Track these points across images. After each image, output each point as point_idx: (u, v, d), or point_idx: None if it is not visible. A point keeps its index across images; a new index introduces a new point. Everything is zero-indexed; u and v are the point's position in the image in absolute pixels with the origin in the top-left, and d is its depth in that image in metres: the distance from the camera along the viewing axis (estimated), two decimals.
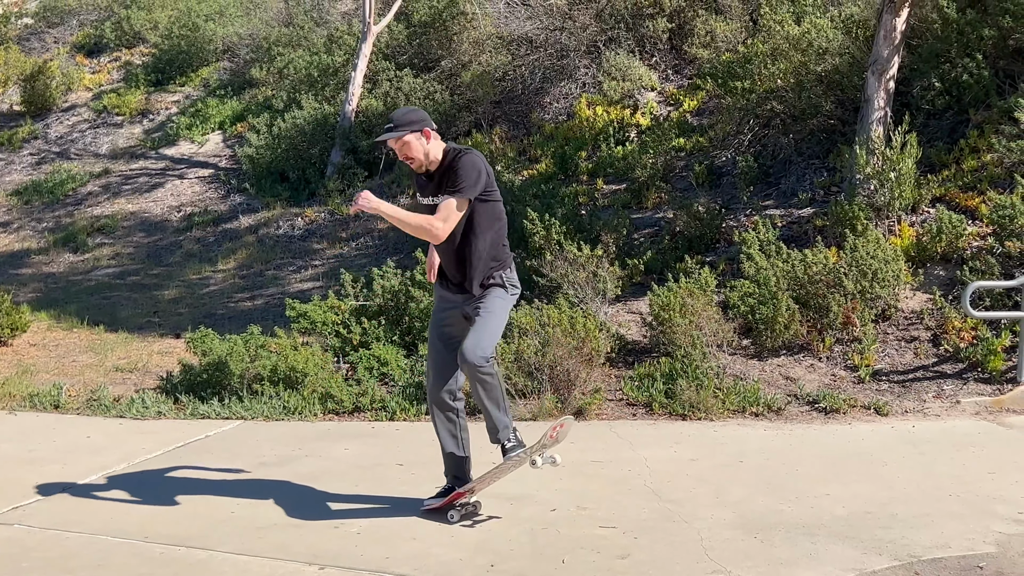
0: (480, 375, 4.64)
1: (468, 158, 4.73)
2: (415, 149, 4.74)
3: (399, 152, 4.79)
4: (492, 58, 14.32)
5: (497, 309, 4.81)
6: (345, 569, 4.36)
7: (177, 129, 17.33)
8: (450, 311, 4.95)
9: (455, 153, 4.78)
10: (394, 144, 4.77)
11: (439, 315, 5.01)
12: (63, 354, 9.61)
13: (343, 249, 12.67)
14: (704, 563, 4.32)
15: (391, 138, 4.74)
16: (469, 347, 4.64)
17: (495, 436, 4.84)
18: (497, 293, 4.84)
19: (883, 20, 9.31)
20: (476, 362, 4.61)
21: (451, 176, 4.71)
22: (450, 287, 4.94)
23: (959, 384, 7.20)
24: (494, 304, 4.81)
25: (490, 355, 4.68)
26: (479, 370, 4.63)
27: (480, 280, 4.82)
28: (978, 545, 4.49)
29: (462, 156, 4.74)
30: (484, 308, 4.78)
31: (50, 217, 15.62)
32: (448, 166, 4.76)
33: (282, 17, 18.50)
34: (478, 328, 4.71)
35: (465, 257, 4.80)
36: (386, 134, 4.75)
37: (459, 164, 4.71)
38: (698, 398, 6.95)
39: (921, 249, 8.41)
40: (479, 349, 4.63)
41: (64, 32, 21.91)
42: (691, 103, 12.71)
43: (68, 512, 5.26)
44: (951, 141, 9.67)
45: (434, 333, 5.01)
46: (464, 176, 4.67)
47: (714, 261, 9.17)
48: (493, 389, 4.72)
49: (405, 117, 4.76)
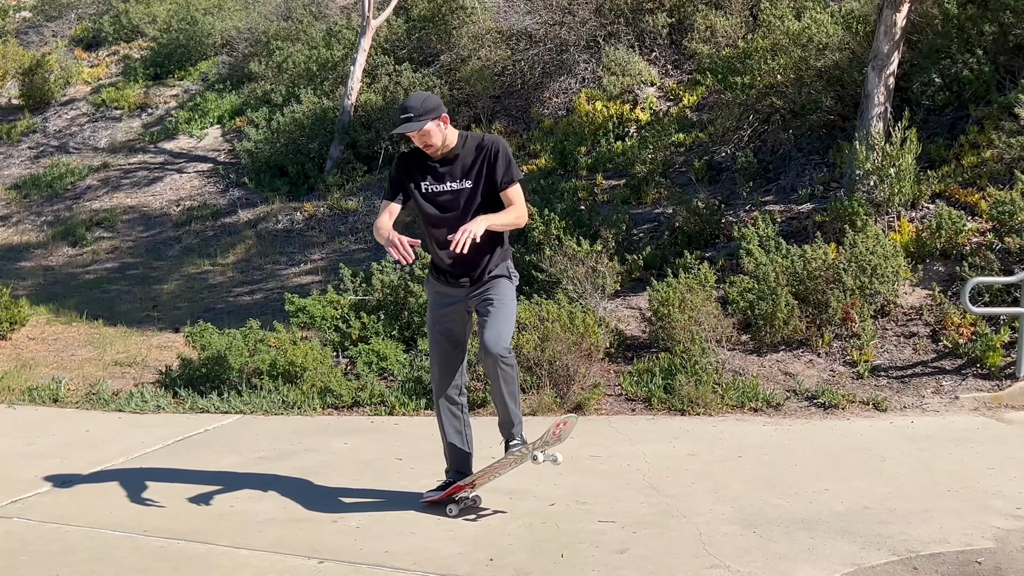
0: (503, 366, 4.64)
1: (502, 143, 4.77)
2: (435, 136, 4.68)
3: (417, 139, 4.69)
4: (491, 53, 14.30)
5: (509, 299, 4.79)
6: (344, 563, 4.36)
7: (176, 123, 17.30)
8: (451, 306, 4.88)
9: (472, 138, 4.78)
10: (417, 138, 4.68)
11: (438, 311, 4.93)
12: (62, 348, 9.61)
13: (342, 243, 12.66)
14: (703, 558, 4.33)
15: (414, 130, 4.62)
16: (492, 339, 4.61)
17: (508, 430, 4.83)
18: (504, 284, 4.81)
19: (883, 15, 9.30)
20: (500, 352, 4.60)
21: (489, 163, 4.69)
22: (452, 280, 4.84)
23: (958, 380, 7.21)
24: (505, 294, 4.78)
25: (511, 345, 4.69)
26: (502, 360, 4.62)
27: (493, 269, 4.79)
28: (976, 540, 4.49)
29: (495, 142, 4.75)
30: (497, 299, 4.74)
31: (49, 211, 15.60)
32: (475, 152, 4.72)
33: (281, 11, 18.46)
34: (496, 319, 4.68)
35: (484, 246, 4.68)
36: (406, 125, 4.62)
37: (499, 150, 4.71)
38: (697, 393, 6.95)
39: (920, 245, 8.40)
40: (502, 339, 4.63)
41: (63, 26, 21.86)
42: (691, 98, 12.69)
43: (67, 506, 5.26)
44: (951, 137, 9.66)
45: (435, 330, 4.95)
46: (512, 162, 4.75)
47: (713, 257, 9.16)
48: (512, 381, 4.72)
49: (424, 105, 4.62)
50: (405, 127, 4.62)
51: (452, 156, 4.76)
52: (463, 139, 4.79)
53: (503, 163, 4.70)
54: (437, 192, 4.77)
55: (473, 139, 4.80)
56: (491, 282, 4.80)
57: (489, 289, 4.79)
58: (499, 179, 4.70)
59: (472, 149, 4.75)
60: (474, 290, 4.81)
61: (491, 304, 4.74)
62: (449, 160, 4.76)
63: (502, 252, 4.85)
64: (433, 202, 4.78)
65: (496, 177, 4.71)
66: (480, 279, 4.79)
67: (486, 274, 4.80)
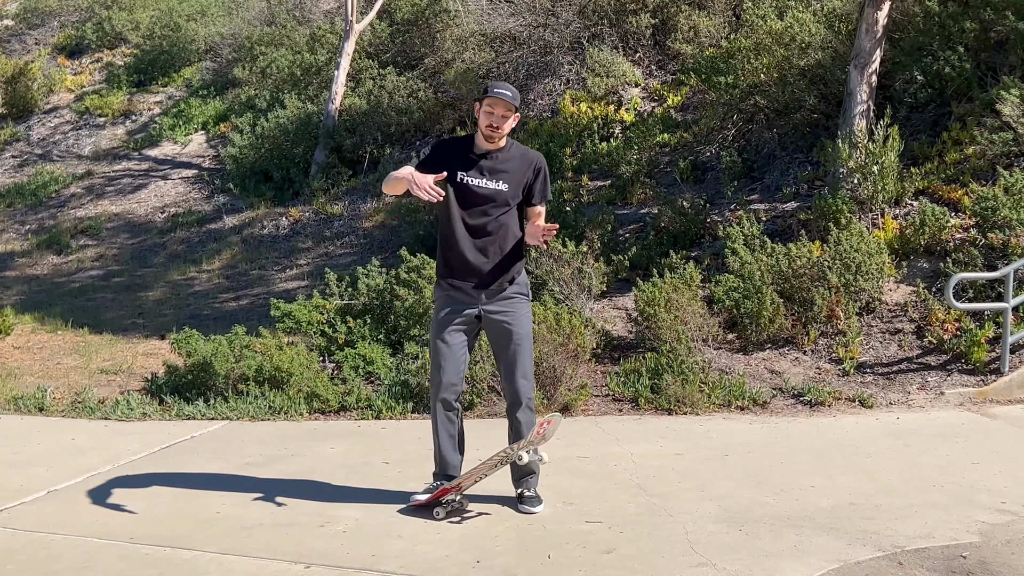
0: (527, 410, 4.85)
1: (545, 162, 4.92)
2: (510, 123, 4.77)
3: (495, 121, 4.70)
4: (475, 55, 14.31)
5: (529, 329, 4.89)
6: (331, 567, 4.35)
7: (160, 130, 17.27)
8: (465, 312, 4.82)
9: (519, 147, 4.91)
10: (502, 112, 4.69)
11: (449, 316, 4.83)
12: (47, 356, 9.57)
13: (328, 248, 12.64)
14: (689, 556, 4.33)
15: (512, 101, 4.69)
16: (524, 388, 4.84)
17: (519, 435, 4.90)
18: (523, 308, 4.86)
19: (865, 14, 9.34)
20: (530, 395, 4.87)
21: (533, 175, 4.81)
22: (472, 286, 4.79)
23: (943, 375, 7.24)
24: (526, 325, 4.87)
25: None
26: (530, 401, 4.87)
27: (515, 277, 4.83)
28: (961, 535, 4.51)
29: (541, 159, 4.91)
30: (516, 330, 4.80)
31: (33, 219, 15.54)
32: (519, 159, 4.81)
33: (264, 16, 18.44)
34: (521, 360, 4.82)
35: (508, 254, 4.79)
36: (508, 92, 4.71)
37: (544, 167, 4.88)
38: (684, 393, 6.96)
39: (904, 242, 8.44)
40: (531, 384, 4.89)
41: (45, 33, 21.79)
42: (675, 99, 12.72)
43: (53, 514, 5.23)
44: (933, 134, 9.71)
45: (443, 335, 4.84)
46: (549, 183, 4.95)
47: (699, 256, 9.18)
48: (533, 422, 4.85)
49: (517, 97, 4.76)
50: (505, 94, 4.69)
51: (497, 155, 4.79)
52: (510, 144, 4.87)
53: (543, 180, 4.87)
54: (475, 186, 4.76)
55: (520, 147, 4.90)
56: (510, 300, 4.81)
57: (508, 312, 4.80)
58: (536, 194, 4.86)
59: (517, 156, 4.82)
60: (491, 303, 4.80)
61: (512, 337, 4.80)
62: (493, 158, 4.79)
63: (520, 264, 4.90)
64: (469, 193, 4.77)
65: (535, 191, 4.85)
66: (500, 288, 4.80)
67: (505, 283, 4.80)
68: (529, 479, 5.00)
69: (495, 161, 4.77)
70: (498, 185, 4.75)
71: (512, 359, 4.80)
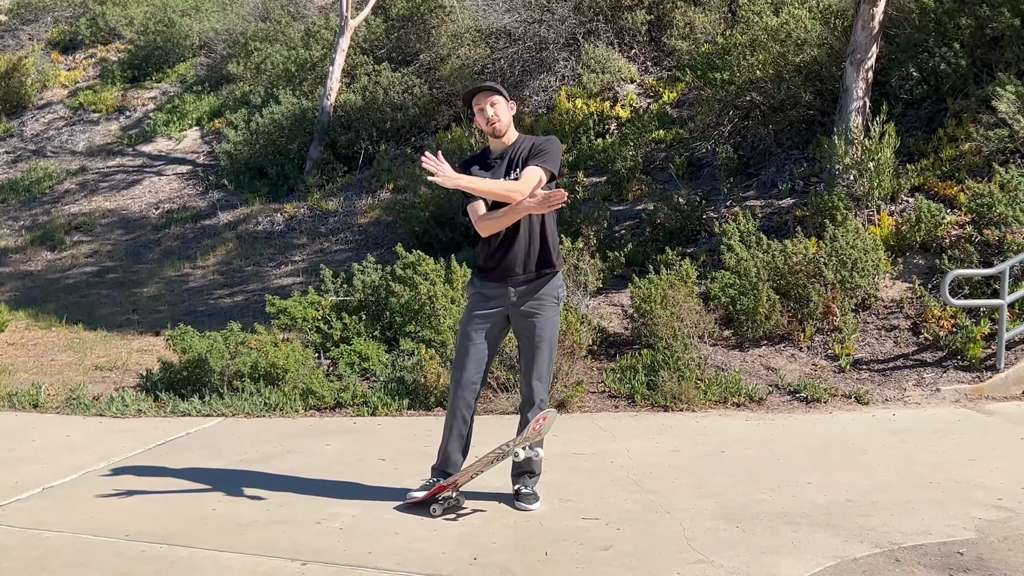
0: (541, 406, 4.82)
1: (555, 139, 4.86)
2: (503, 112, 4.79)
3: (488, 114, 4.75)
4: (471, 51, 14.29)
5: (553, 334, 4.85)
6: (327, 565, 4.34)
7: (154, 126, 17.23)
8: (497, 309, 4.82)
9: (531, 139, 4.88)
10: (487, 102, 4.75)
11: (480, 313, 4.84)
12: (42, 353, 9.54)
13: (323, 244, 12.62)
14: (686, 553, 4.33)
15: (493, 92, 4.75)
16: (537, 390, 4.81)
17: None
18: (554, 312, 4.84)
19: (861, 10, 9.34)
20: (542, 397, 4.84)
21: (534, 151, 4.76)
22: (502, 285, 4.78)
23: (939, 372, 7.24)
24: (550, 329, 4.82)
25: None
26: (542, 403, 4.84)
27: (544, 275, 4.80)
28: (958, 531, 4.51)
29: (550, 137, 4.87)
30: (539, 332, 4.78)
31: (27, 215, 15.49)
32: (528, 148, 4.79)
33: (258, 12, 18.40)
34: (539, 361, 4.80)
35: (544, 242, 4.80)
36: (488, 84, 4.82)
37: (549, 140, 4.82)
38: (680, 389, 6.96)
39: (900, 238, 8.44)
40: (545, 387, 4.85)
41: (39, 29, 21.72)
42: (671, 95, 12.71)
43: (48, 511, 5.21)
44: (929, 130, 9.71)
45: (472, 333, 4.84)
46: (553, 150, 4.79)
47: (695, 252, 9.18)
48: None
49: (497, 84, 4.83)
50: (483, 85, 4.80)
51: (510, 151, 4.84)
52: (521, 138, 4.90)
53: (540, 148, 4.78)
54: None
55: (531, 138, 4.90)
56: (540, 302, 4.79)
57: (535, 314, 4.78)
58: (531, 158, 4.75)
59: (528, 146, 4.83)
60: (520, 302, 4.78)
61: (533, 338, 4.79)
62: (507, 155, 4.84)
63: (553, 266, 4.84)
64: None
65: (530, 156, 4.76)
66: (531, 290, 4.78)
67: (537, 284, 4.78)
68: (527, 477, 4.99)
69: (509, 157, 4.83)
70: (511, 177, 4.78)
71: (531, 358, 4.81)
